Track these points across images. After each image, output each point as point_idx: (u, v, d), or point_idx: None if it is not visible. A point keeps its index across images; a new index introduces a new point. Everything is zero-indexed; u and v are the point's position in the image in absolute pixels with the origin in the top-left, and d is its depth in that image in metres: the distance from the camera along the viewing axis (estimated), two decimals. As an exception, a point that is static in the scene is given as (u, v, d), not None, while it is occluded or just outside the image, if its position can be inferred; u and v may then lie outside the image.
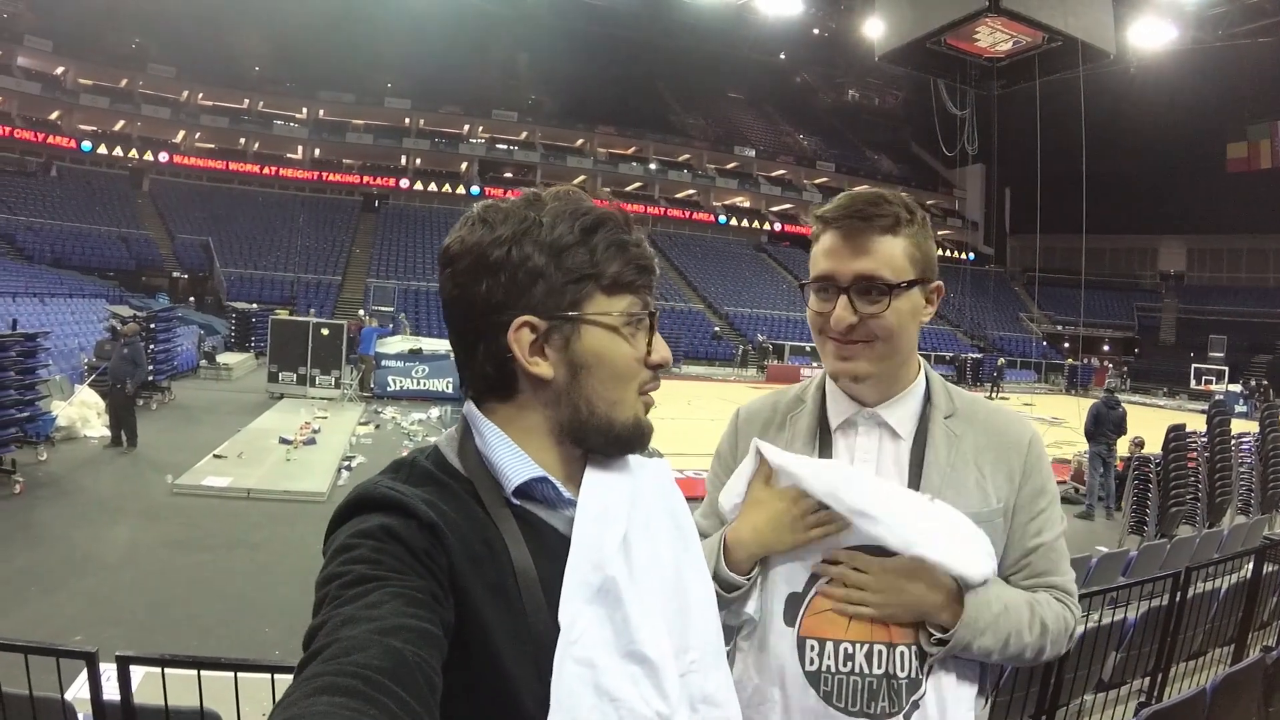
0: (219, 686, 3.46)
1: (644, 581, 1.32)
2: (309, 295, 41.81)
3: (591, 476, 1.37)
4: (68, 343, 20.78)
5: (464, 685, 1.15)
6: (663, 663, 1.27)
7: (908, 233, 1.85)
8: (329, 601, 1.07)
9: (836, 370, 1.92)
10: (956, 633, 1.73)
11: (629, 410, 1.35)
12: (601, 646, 1.23)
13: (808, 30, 58.67)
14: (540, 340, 1.31)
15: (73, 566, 8.98)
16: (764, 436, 2.04)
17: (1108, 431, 15.27)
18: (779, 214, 68.09)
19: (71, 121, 50.04)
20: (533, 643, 1.20)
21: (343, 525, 1.20)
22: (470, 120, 60.12)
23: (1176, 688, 6.21)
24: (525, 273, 1.29)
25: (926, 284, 1.89)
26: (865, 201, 1.85)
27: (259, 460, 14.25)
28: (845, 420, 1.97)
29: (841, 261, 1.84)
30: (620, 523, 1.33)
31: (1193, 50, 44.01)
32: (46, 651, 3.46)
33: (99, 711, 3.46)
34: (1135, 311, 64.31)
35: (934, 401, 1.95)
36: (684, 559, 1.46)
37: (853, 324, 1.82)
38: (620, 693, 1.21)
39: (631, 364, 1.34)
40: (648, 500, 1.44)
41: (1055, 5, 28.63)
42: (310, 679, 0.93)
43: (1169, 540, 9.70)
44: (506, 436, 1.33)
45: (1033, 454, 1.91)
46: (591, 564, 1.26)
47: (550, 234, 1.30)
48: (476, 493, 1.29)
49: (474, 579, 1.19)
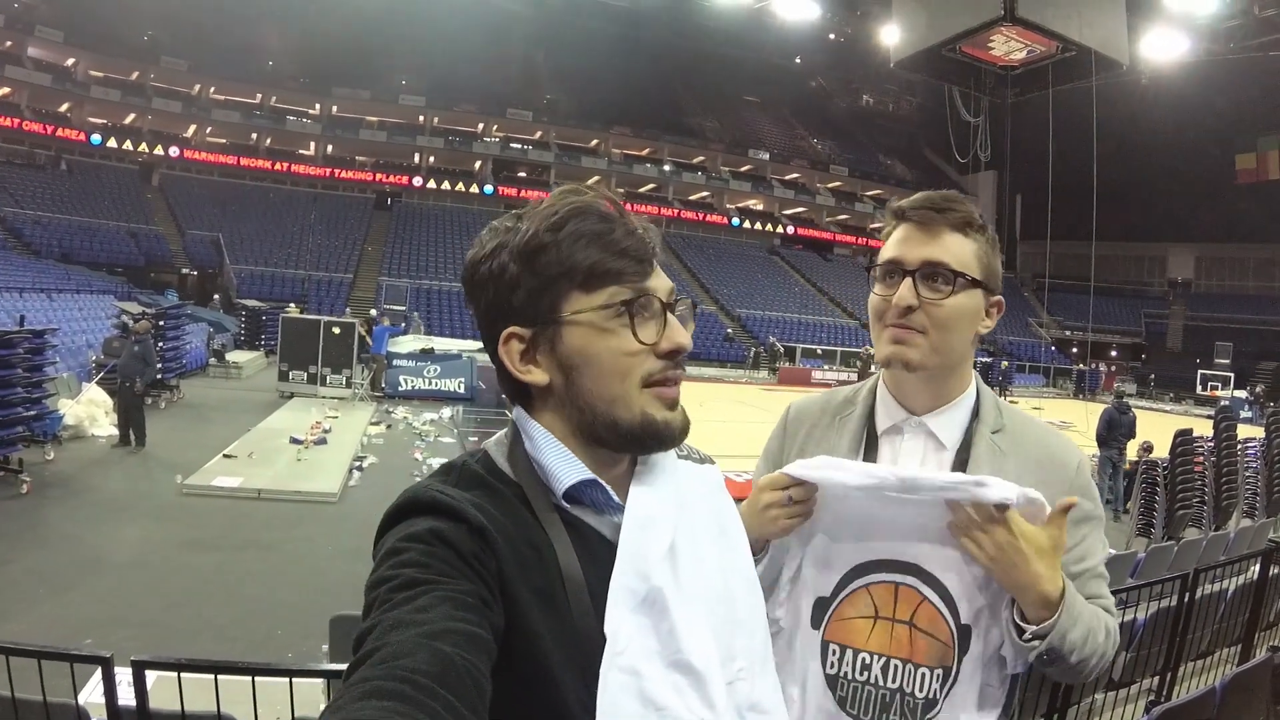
0: (235, 690, 3.41)
1: (690, 589, 1.31)
2: (320, 293, 41.84)
3: (639, 482, 1.37)
4: (75, 340, 20.68)
5: (511, 689, 1.15)
6: (708, 672, 1.27)
7: (976, 238, 1.89)
8: (378, 605, 1.08)
9: (889, 355, 1.90)
10: (1060, 619, 1.66)
11: (632, 406, 1.31)
12: (646, 656, 1.23)
13: (824, 35, 58.76)
14: (530, 348, 1.32)
15: (82, 567, 8.93)
16: (812, 436, 2.10)
17: (1119, 436, 15.37)
18: (792, 217, 68.28)
19: (82, 114, 50.01)
20: (579, 649, 1.20)
21: (392, 529, 1.21)
22: (485, 119, 60.14)
23: (1185, 687, 6.33)
24: (504, 283, 1.30)
25: (989, 293, 1.90)
26: (941, 196, 1.90)
27: (269, 460, 14.20)
28: (892, 425, 1.98)
29: (910, 248, 1.87)
30: (667, 530, 1.33)
31: (1205, 62, 44.23)
32: (60, 656, 3.44)
33: (114, 716, 3.41)
34: (1143, 318, 64.77)
35: (982, 415, 1.95)
36: (731, 566, 1.45)
37: (912, 305, 1.84)
38: (665, 702, 1.21)
39: (621, 358, 1.30)
40: (696, 507, 1.43)
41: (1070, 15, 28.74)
42: (359, 683, 0.94)
43: (1176, 542, 9.74)
44: (556, 440, 1.33)
45: (1080, 479, 1.89)
46: (637, 572, 1.26)
47: (521, 239, 1.29)
48: (525, 497, 1.29)
49: (521, 583, 1.19)
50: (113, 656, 3.38)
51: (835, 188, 68.63)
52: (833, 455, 1.95)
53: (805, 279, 60.81)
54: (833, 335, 52.24)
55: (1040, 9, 28.24)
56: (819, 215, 68.56)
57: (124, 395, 14.89)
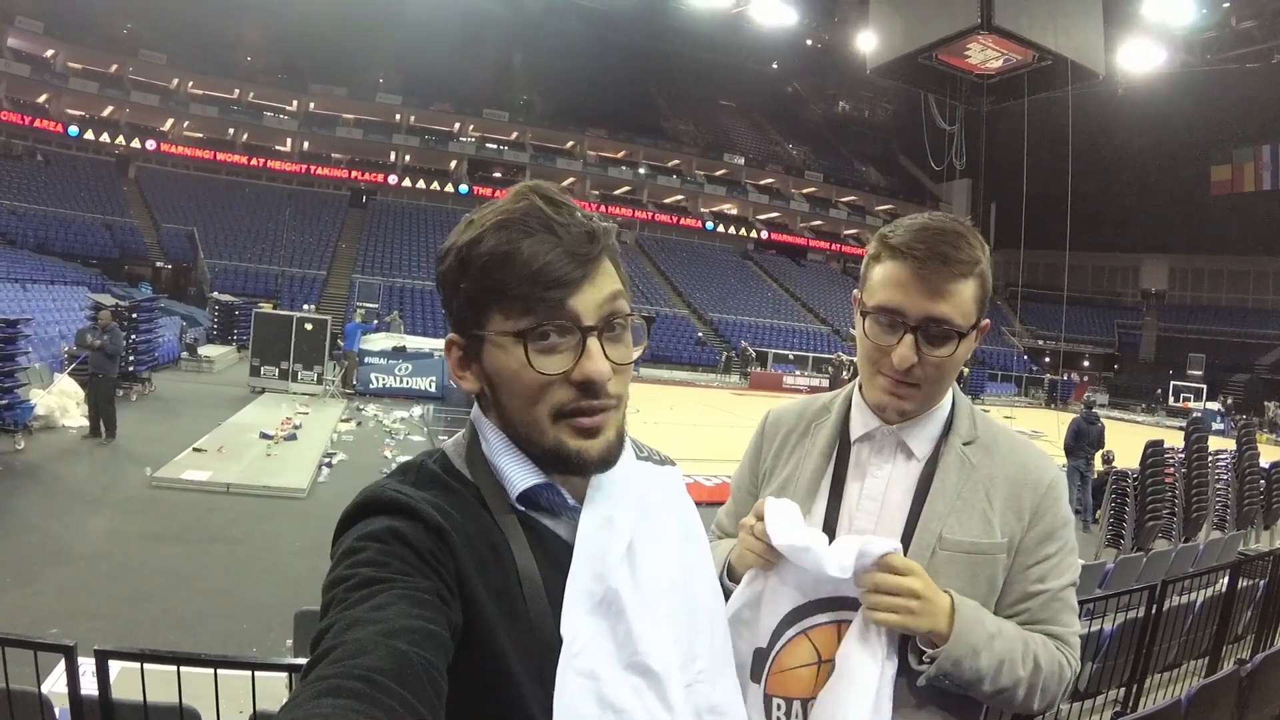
0: (198, 683, 3.38)
1: (649, 591, 1.31)
2: (294, 289, 41.61)
3: (597, 484, 1.35)
4: (48, 330, 20.61)
5: (469, 688, 1.15)
6: (667, 674, 1.27)
7: (978, 273, 1.82)
8: (336, 604, 1.08)
9: (883, 403, 1.89)
10: (949, 646, 1.68)
11: (544, 433, 1.29)
12: (604, 658, 1.23)
13: (801, 41, 58.68)
14: (467, 357, 1.33)
15: (49, 557, 8.91)
16: (787, 442, 2.11)
17: (1086, 446, 15.39)
18: (766, 222, 68.15)
19: (59, 105, 49.74)
20: (537, 650, 1.20)
21: (350, 528, 1.21)
22: (461, 118, 59.98)
23: (1151, 698, 6.28)
24: (449, 286, 1.30)
25: (979, 325, 1.86)
26: (949, 243, 1.79)
27: (239, 455, 14.16)
28: (865, 434, 1.97)
29: (913, 299, 1.79)
30: (625, 531, 1.33)
31: (1181, 73, 44.46)
32: (24, 644, 3.42)
33: (76, 706, 3.41)
34: (1116, 328, 64.62)
35: (955, 427, 1.94)
36: (693, 568, 1.45)
37: (914, 364, 1.80)
38: (623, 704, 1.21)
39: (531, 386, 1.26)
40: (656, 509, 1.43)
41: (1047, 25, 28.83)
42: (316, 681, 0.94)
43: (1145, 554, 9.77)
44: (511, 443, 1.32)
45: (1050, 496, 1.87)
46: (595, 574, 1.26)
47: (467, 247, 1.27)
48: (482, 498, 1.29)
49: (480, 582, 1.19)
50: (76, 646, 3.39)
51: (810, 193, 68.58)
52: (806, 461, 2.03)
53: (778, 284, 60.71)
54: (805, 341, 52.17)
55: (1017, 18, 28.31)
56: (793, 220, 68.51)
57: (95, 387, 14.82)
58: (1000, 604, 1.84)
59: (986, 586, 1.82)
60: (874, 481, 1.93)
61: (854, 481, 1.96)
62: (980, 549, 1.81)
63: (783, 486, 2.04)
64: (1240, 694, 4.75)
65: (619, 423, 1.34)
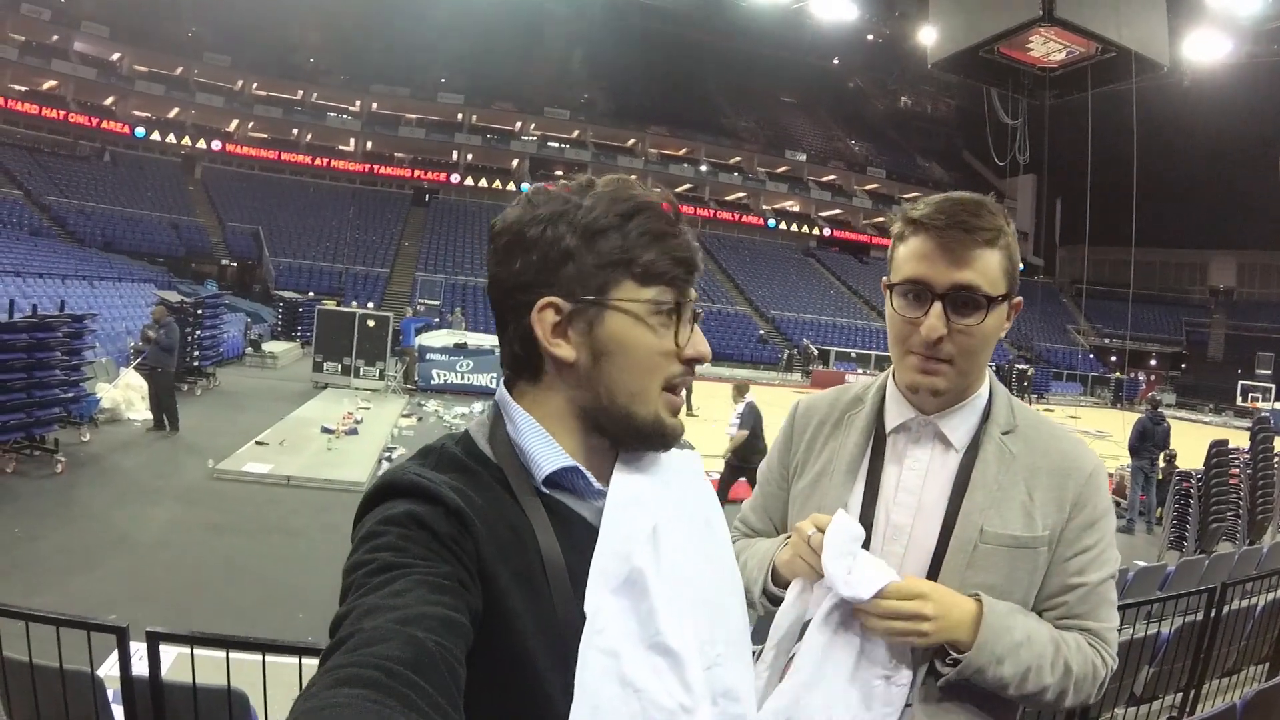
0: (248, 668, 3.46)
1: (671, 573, 1.30)
2: (357, 287, 42.01)
3: (623, 467, 1.36)
4: (115, 326, 20.97)
5: (490, 672, 1.15)
6: (687, 655, 1.26)
7: (1003, 244, 1.81)
8: (354, 590, 1.08)
9: (916, 382, 1.86)
10: (970, 656, 1.68)
11: (650, 404, 1.32)
12: (625, 637, 1.22)
13: (862, 36, 58.51)
14: (564, 322, 1.30)
15: (110, 546, 9.06)
16: (819, 434, 2.08)
17: (1151, 447, 15.15)
18: (828, 219, 67.94)
19: (126, 107, 50.51)
20: (558, 631, 1.20)
21: (370, 512, 1.20)
22: (522, 117, 60.35)
23: (1209, 704, 6.07)
24: (557, 253, 1.28)
25: (1010, 298, 1.85)
26: (970, 211, 1.79)
27: (300, 448, 14.33)
28: (900, 424, 1.95)
29: (938, 269, 1.79)
30: (650, 513, 1.32)
31: (1248, 64, 43.63)
32: (78, 625, 3.47)
33: (128, 687, 3.45)
34: (1183, 326, 63.91)
35: (993, 416, 1.91)
36: (713, 552, 1.45)
37: (943, 335, 1.78)
38: (643, 684, 1.20)
39: (654, 356, 1.31)
40: (679, 491, 1.42)
41: (1109, 16, 28.44)
42: (332, 670, 0.94)
43: (1208, 556, 9.60)
44: (538, 424, 1.32)
45: (1091, 485, 1.84)
46: (618, 554, 1.26)
47: (587, 217, 1.29)
48: (505, 480, 1.28)
49: (501, 566, 1.19)
50: (128, 627, 3.43)
51: (872, 190, 68.29)
52: (841, 453, 2.00)
53: (840, 281, 60.55)
54: (867, 339, 51.93)
55: (1079, 9, 27.93)
56: (855, 217, 68.18)
57: (154, 380, 15.05)
58: (1039, 597, 1.83)
59: (1027, 580, 1.80)
60: (911, 474, 1.91)
61: (890, 474, 1.93)
62: (1021, 542, 1.79)
63: (816, 479, 2.03)
64: None
65: None
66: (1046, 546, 1.80)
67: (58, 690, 3.45)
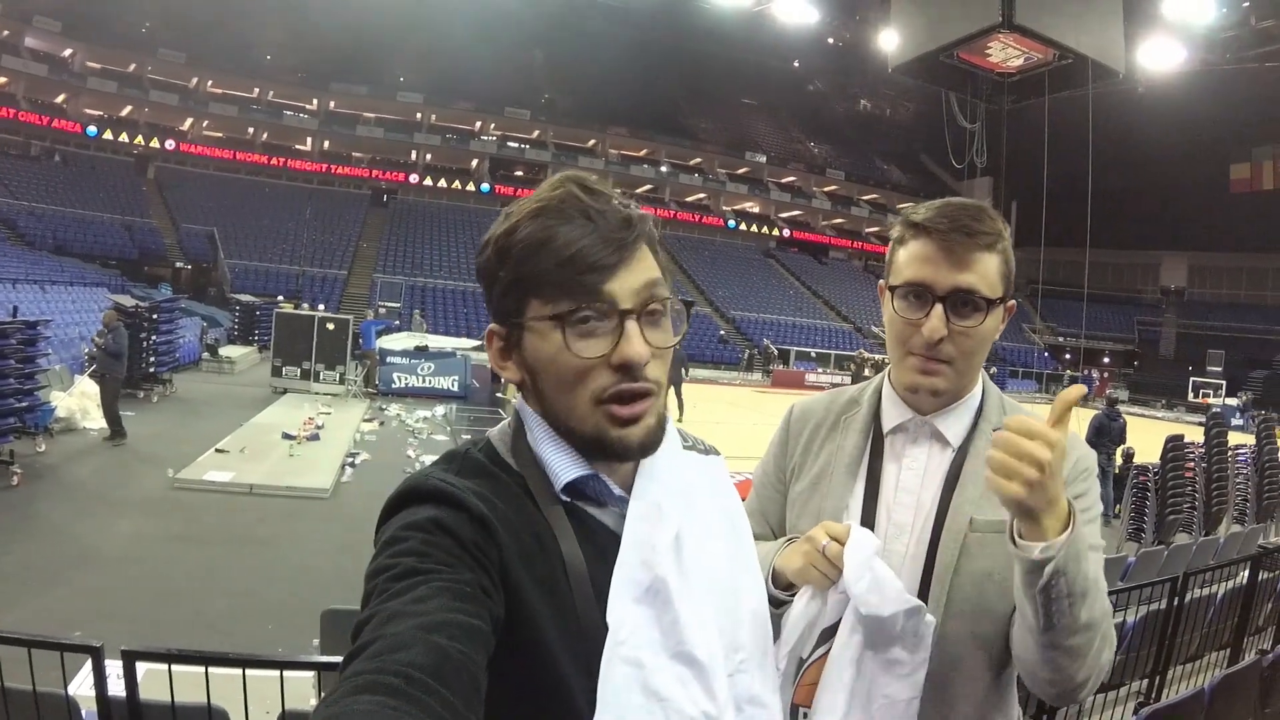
0: (225, 684, 3.41)
1: (695, 581, 1.30)
2: (315, 289, 41.79)
3: (645, 474, 1.36)
4: (69, 332, 20.66)
5: (514, 679, 1.15)
6: (711, 664, 1.26)
7: (1001, 248, 1.85)
8: (377, 594, 1.07)
9: (916, 383, 1.88)
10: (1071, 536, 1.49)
11: (585, 419, 1.28)
12: (649, 647, 1.22)
13: (823, 39, 58.81)
14: (507, 346, 1.32)
15: (73, 560, 8.90)
16: (815, 436, 2.09)
17: (1108, 443, 15.38)
18: (788, 220, 68.52)
19: (78, 105, 50.07)
20: (582, 639, 1.20)
21: (393, 516, 1.20)
22: (482, 117, 60.38)
23: (1174, 689, 6.36)
24: (488, 277, 1.31)
25: (1006, 301, 1.88)
26: (971, 216, 1.82)
27: (262, 455, 14.17)
28: (898, 425, 1.97)
29: (940, 272, 1.81)
30: (673, 521, 1.32)
31: (1201, 72, 44.36)
32: (50, 646, 3.43)
33: (104, 707, 3.40)
34: (1136, 325, 65.17)
35: (986, 413, 1.94)
36: (736, 558, 1.45)
37: (944, 336, 1.81)
38: (668, 693, 1.20)
39: (570, 371, 1.26)
40: (701, 498, 1.43)
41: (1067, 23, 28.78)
42: (353, 676, 0.94)
43: (1166, 547, 9.77)
44: (554, 432, 1.32)
45: (1077, 469, 1.82)
46: (642, 562, 1.26)
47: (506, 235, 1.28)
48: (528, 488, 1.29)
49: (525, 573, 1.19)
50: (103, 646, 3.36)
51: (831, 191, 68.86)
52: (839, 455, 2.01)
53: (800, 282, 60.96)
54: (827, 338, 52.31)
55: (1038, 16, 28.25)
56: (815, 218, 68.77)
57: (102, 387, 14.88)
58: None
59: None
60: (910, 474, 1.93)
61: (890, 474, 1.95)
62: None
63: (815, 481, 2.04)
64: (1262, 684, 4.88)
65: (659, 408, 1.33)
66: None
67: (31, 714, 3.41)
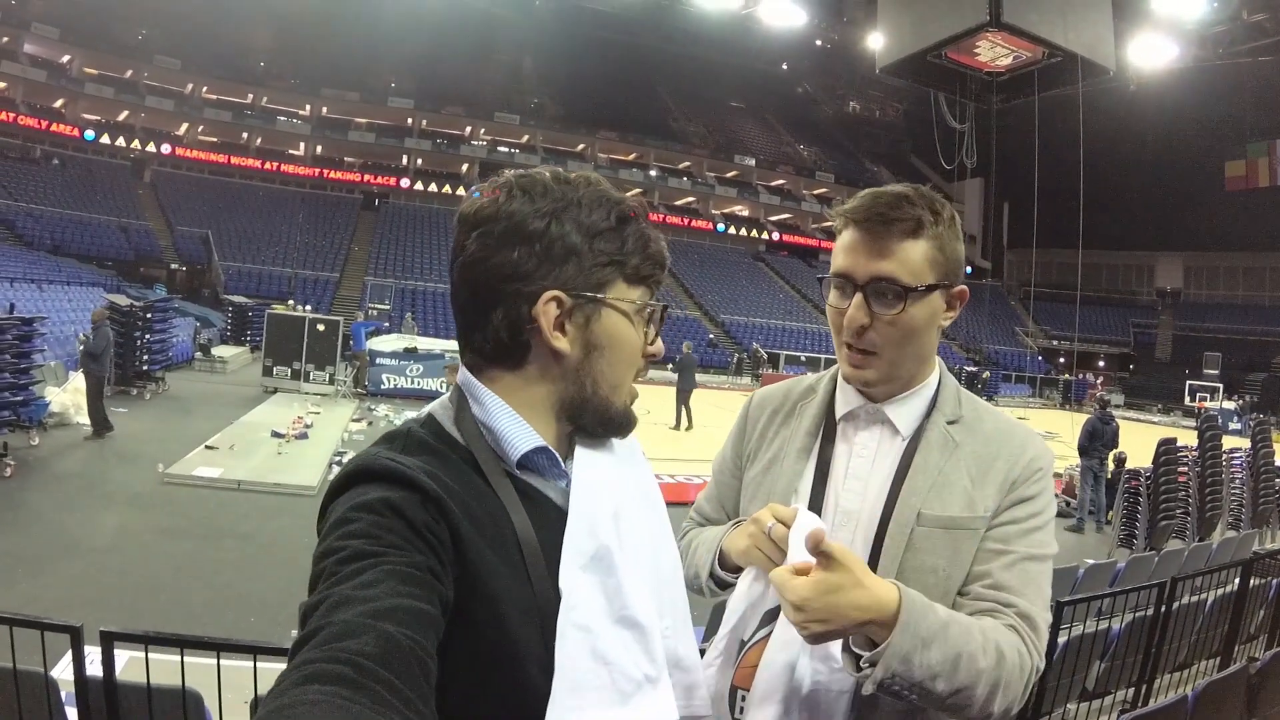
0: (200, 670, 3.47)
1: (632, 550, 1.35)
2: (306, 291, 41.72)
3: (584, 450, 1.41)
4: (64, 329, 20.81)
5: (472, 655, 1.18)
6: (651, 627, 1.31)
7: (930, 234, 1.82)
8: (325, 577, 1.08)
9: (847, 375, 1.93)
10: (893, 639, 1.51)
11: (625, 395, 1.43)
12: (596, 612, 1.26)
13: (810, 41, 58.49)
14: (563, 316, 1.34)
15: (60, 550, 9.01)
16: (772, 422, 2.12)
17: (1100, 447, 15.22)
18: (777, 223, 68.20)
19: (75, 110, 49.92)
20: (537, 611, 1.23)
21: (340, 496, 1.21)
22: (472, 122, 60.15)
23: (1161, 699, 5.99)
24: (561, 248, 1.33)
25: (948, 288, 1.86)
26: (887, 204, 1.81)
27: (250, 453, 14.27)
28: (850, 412, 1.97)
29: (859, 261, 1.82)
30: (613, 494, 1.38)
31: (1193, 68, 44.02)
32: (31, 624, 3.46)
33: (81, 687, 3.46)
34: (1131, 327, 63.89)
35: (940, 405, 1.93)
36: (656, 527, 1.50)
37: (865, 325, 1.81)
38: (614, 656, 1.25)
39: (637, 354, 1.42)
40: (632, 472, 1.49)
41: (1056, 21, 28.64)
42: (302, 665, 0.94)
43: (1157, 553, 9.70)
44: (508, 406, 1.35)
45: (1030, 468, 1.83)
46: (588, 531, 1.30)
47: (589, 216, 1.35)
48: (475, 462, 1.31)
49: (480, 548, 1.20)
50: (82, 627, 3.42)
51: (821, 194, 68.27)
52: (792, 440, 2.03)
53: (789, 285, 60.57)
54: (816, 342, 51.92)
55: (1026, 14, 28.10)
56: (804, 221, 68.32)
57: (87, 384, 14.94)
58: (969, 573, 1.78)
59: (970, 561, 1.79)
60: (859, 460, 1.93)
61: (840, 459, 1.96)
62: (959, 523, 1.78)
63: (768, 466, 2.05)
64: (1249, 692, 4.75)
65: None
66: (984, 526, 1.79)
67: (11, 691, 3.44)
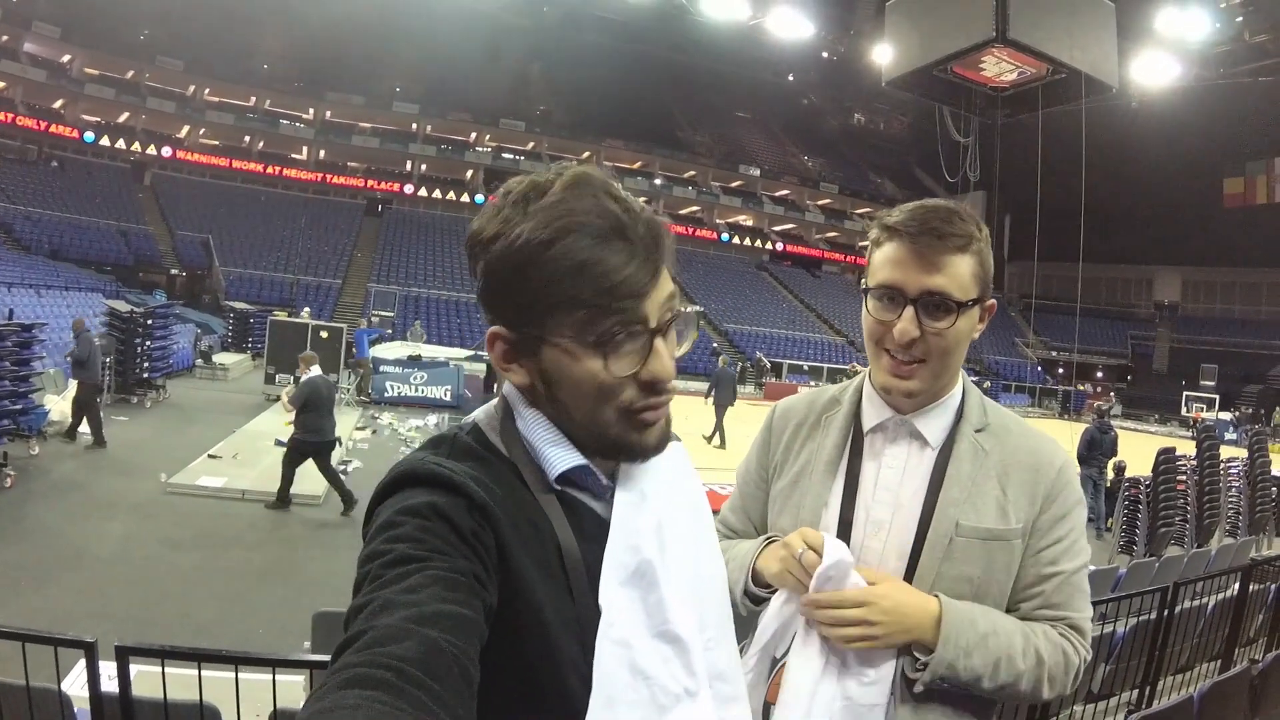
0: (217, 685, 3.40)
1: (675, 563, 1.33)
2: (309, 298, 41.63)
3: (627, 464, 1.36)
4: (63, 336, 20.54)
5: (513, 662, 1.17)
6: (691, 641, 1.30)
7: (975, 249, 1.87)
8: (369, 581, 1.07)
9: (889, 385, 1.91)
10: (939, 651, 1.73)
11: (610, 428, 1.29)
12: (636, 627, 1.25)
13: (817, 53, 58.62)
14: (512, 350, 1.29)
15: (64, 561, 8.93)
16: (797, 435, 2.12)
17: (1099, 455, 15.41)
18: (781, 233, 68.40)
19: (75, 111, 49.82)
20: (578, 623, 1.21)
21: (387, 500, 1.19)
22: (478, 128, 60.27)
23: (1164, 700, 6.16)
24: (497, 282, 1.26)
25: (983, 302, 1.90)
26: (940, 218, 1.84)
27: (254, 461, 14.21)
28: (878, 424, 1.99)
29: (910, 274, 1.83)
30: (655, 508, 1.35)
31: (1194, 87, 44.26)
32: (44, 640, 3.40)
33: (96, 704, 3.37)
34: (1129, 340, 64.87)
35: (966, 414, 1.96)
36: (702, 539, 1.47)
37: (915, 338, 1.83)
38: (653, 671, 1.24)
39: (597, 386, 1.25)
40: (673, 484, 1.44)
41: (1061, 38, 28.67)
42: (343, 669, 0.93)
43: (1158, 559, 9.75)
44: (547, 421, 1.32)
45: (1061, 479, 1.90)
46: (629, 547, 1.28)
47: (515, 245, 1.22)
48: (519, 473, 1.28)
49: (525, 558, 1.19)
50: (97, 642, 3.35)
51: (825, 205, 68.71)
52: (819, 453, 2.04)
53: (793, 295, 60.81)
54: (820, 352, 52.17)
55: (1032, 31, 28.12)
56: (808, 232, 68.65)
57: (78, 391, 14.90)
58: (1015, 588, 1.87)
59: (1005, 572, 1.85)
60: (889, 472, 1.95)
61: (869, 472, 1.98)
62: (995, 535, 1.84)
63: (796, 480, 2.06)
64: (1252, 692, 4.83)
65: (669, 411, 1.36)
66: (1020, 539, 1.85)
67: (24, 709, 3.42)
